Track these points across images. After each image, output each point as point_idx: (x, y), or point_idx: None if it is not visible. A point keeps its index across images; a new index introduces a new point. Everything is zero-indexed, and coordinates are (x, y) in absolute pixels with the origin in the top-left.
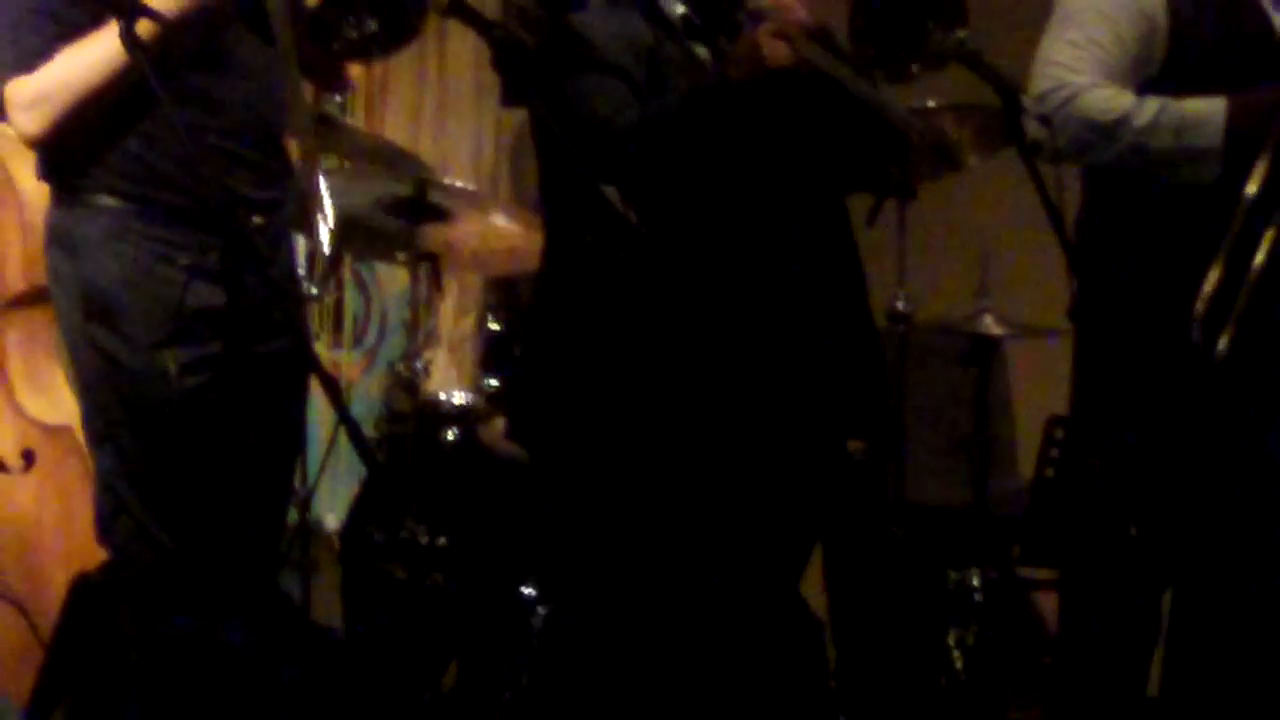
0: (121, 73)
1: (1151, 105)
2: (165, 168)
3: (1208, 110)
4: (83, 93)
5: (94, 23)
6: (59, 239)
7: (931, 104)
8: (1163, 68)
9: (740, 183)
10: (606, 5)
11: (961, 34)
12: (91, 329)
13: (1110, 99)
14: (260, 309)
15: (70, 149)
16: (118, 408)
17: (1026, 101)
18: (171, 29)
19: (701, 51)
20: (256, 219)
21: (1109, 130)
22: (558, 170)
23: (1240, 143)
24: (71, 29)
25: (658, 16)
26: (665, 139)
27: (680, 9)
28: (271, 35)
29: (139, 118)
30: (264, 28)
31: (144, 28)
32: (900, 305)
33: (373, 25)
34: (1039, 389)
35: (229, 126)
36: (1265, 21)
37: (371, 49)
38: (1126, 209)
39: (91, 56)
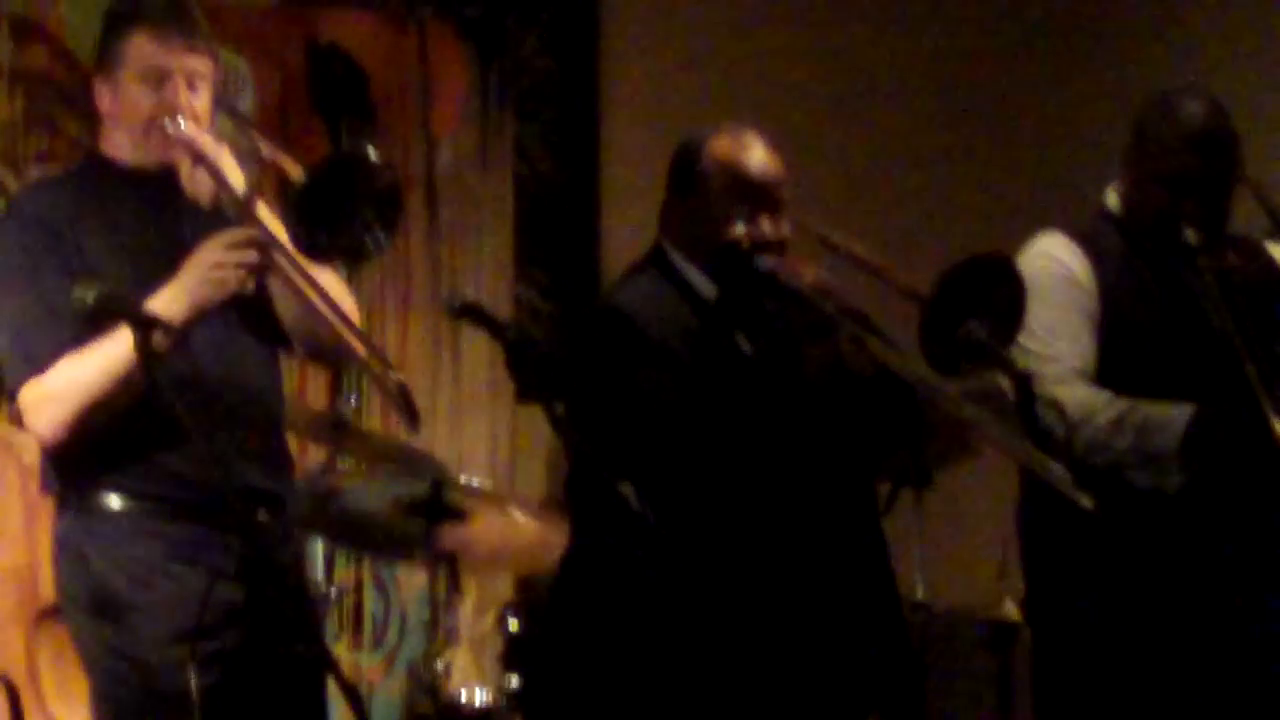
0: (132, 376)
1: (1118, 404)
2: (171, 463)
3: (1171, 416)
4: (94, 395)
5: (103, 325)
6: (68, 549)
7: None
8: (1101, 347)
9: (778, 477)
10: (638, 280)
11: (973, 324)
12: (103, 628)
13: (1075, 396)
14: (278, 608)
15: (80, 451)
16: (134, 711)
17: (1039, 389)
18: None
19: (743, 342)
20: (263, 514)
21: (1074, 427)
22: (577, 467)
23: (1197, 450)
24: (81, 332)
25: (694, 297)
26: (709, 426)
27: (711, 290)
28: (263, 328)
29: (147, 417)
30: (259, 321)
31: (154, 338)
32: (920, 594)
33: (369, 209)
34: None
35: (229, 416)
36: (1195, 304)
37: (365, 241)
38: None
39: (102, 360)
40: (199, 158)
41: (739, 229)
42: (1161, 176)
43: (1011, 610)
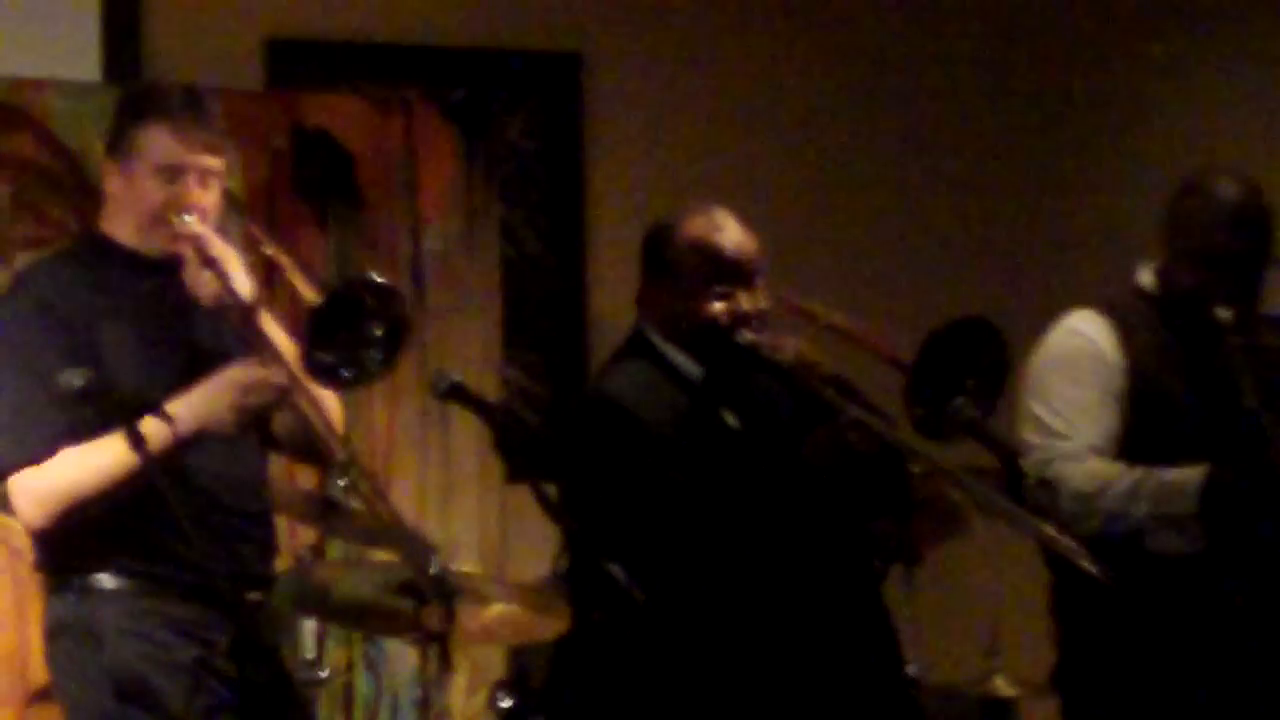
0: (130, 474)
1: (1133, 473)
2: (168, 543)
3: (1186, 477)
4: (90, 492)
5: (102, 419)
6: (69, 629)
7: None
8: (1127, 426)
9: (773, 553)
10: (624, 366)
11: (960, 400)
12: (128, 712)
13: (1093, 468)
14: (269, 689)
15: (76, 533)
16: None
17: (1026, 466)
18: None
19: (730, 419)
20: (254, 595)
21: (1091, 498)
22: (568, 548)
23: (1215, 510)
24: (78, 423)
25: (679, 379)
26: (704, 511)
27: (695, 370)
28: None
29: (142, 503)
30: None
31: (155, 432)
32: (911, 671)
33: (375, 341)
34: None
35: (220, 503)
36: (1226, 382)
37: (371, 365)
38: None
39: (100, 459)
40: (207, 259)
41: (716, 306)
42: (1195, 254)
43: (1002, 686)
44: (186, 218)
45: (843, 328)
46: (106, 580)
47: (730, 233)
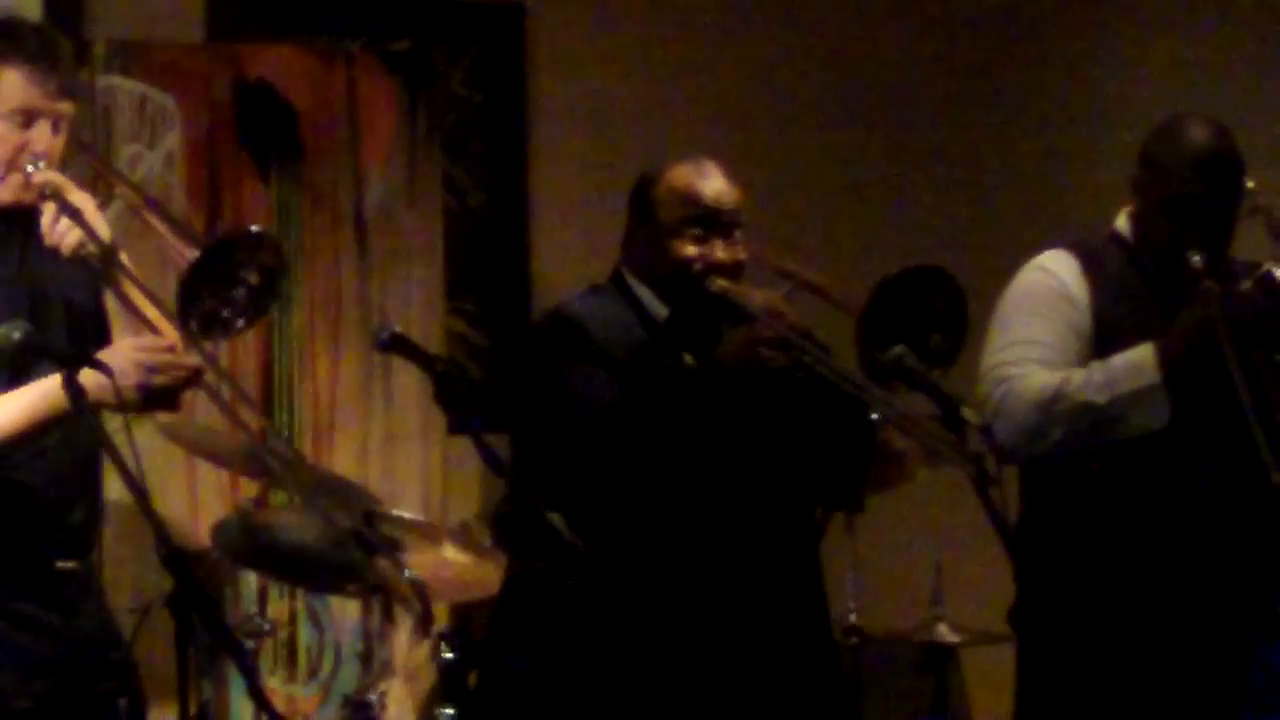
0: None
1: (1081, 370)
2: None
3: (1137, 354)
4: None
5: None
6: None
7: (875, 416)
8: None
9: (705, 494)
10: (592, 296)
11: (899, 350)
12: None
13: (1044, 378)
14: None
15: None
16: None
17: (967, 413)
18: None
19: (690, 360)
20: (65, 563)
21: (1049, 404)
22: (509, 497)
23: (1177, 369)
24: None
25: (646, 318)
26: (642, 425)
27: (664, 311)
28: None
29: None
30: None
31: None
32: (853, 618)
33: (247, 285)
34: (997, 697)
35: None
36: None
37: (234, 319)
38: (1061, 515)
39: (26, 404)
40: (65, 207)
41: (690, 250)
42: (1165, 200)
43: (945, 633)
44: (40, 164)
45: (810, 282)
46: None
47: (713, 181)
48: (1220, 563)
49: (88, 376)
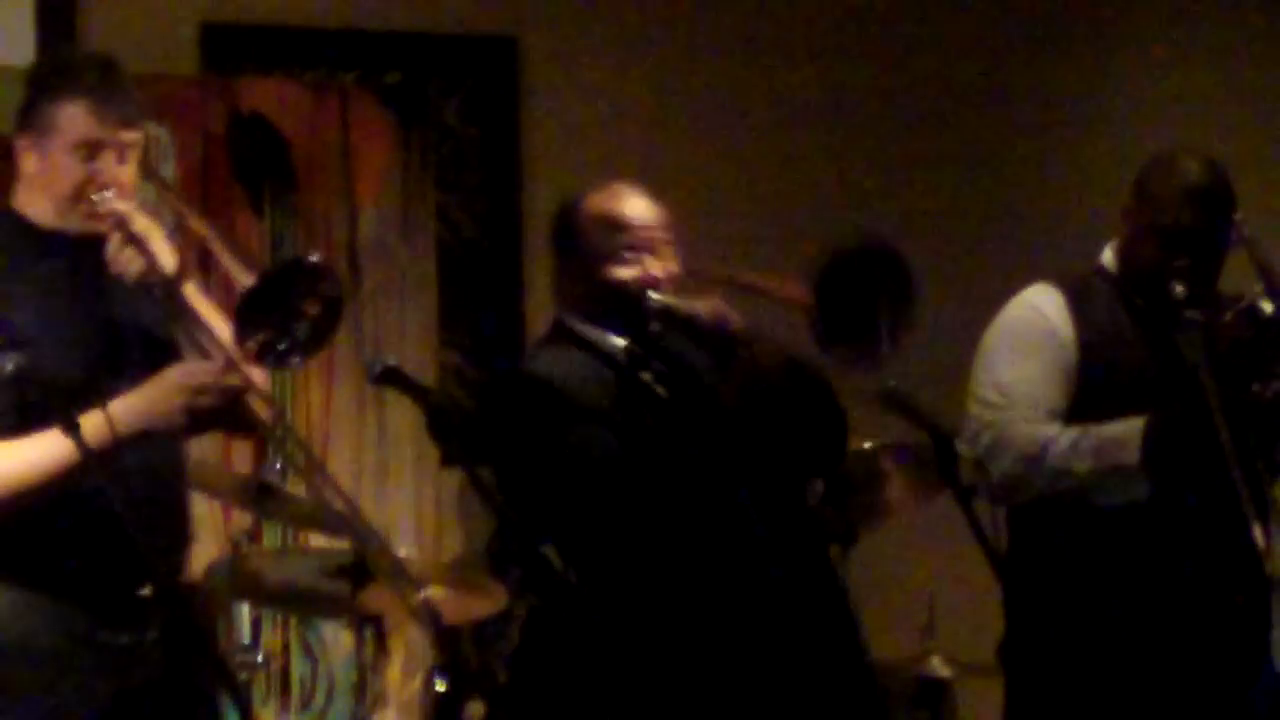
0: (65, 469)
1: (1071, 431)
2: (59, 538)
3: (1125, 430)
4: (19, 486)
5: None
6: None
7: (868, 445)
8: (1076, 399)
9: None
10: (545, 351)
11: (891, 381)
12: None
13: (1033, 430)
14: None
15: None
16: None
17: (959, 445)
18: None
19: (659, 390)
20: (145, 590)
21: (1033, 460)
22: (501, 530)
23: (1158, 458)
24: (10, 408)
25: (604, 357)
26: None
27: (621, 342)
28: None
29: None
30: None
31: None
32: None
33: (308, 317)
34: None
35: (128, 495)
36: (1173, 351)
37: (304, 343)
38: (1049, 551)
39: (34, 453)
40: (130, 236)
41: (624, 272)
42: (1155, 230)
43: (938, 666)
44: (106, 194)
45: (758, 285)
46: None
47: (632, 201)
48: (1210, 602)
49: (117, 408)
